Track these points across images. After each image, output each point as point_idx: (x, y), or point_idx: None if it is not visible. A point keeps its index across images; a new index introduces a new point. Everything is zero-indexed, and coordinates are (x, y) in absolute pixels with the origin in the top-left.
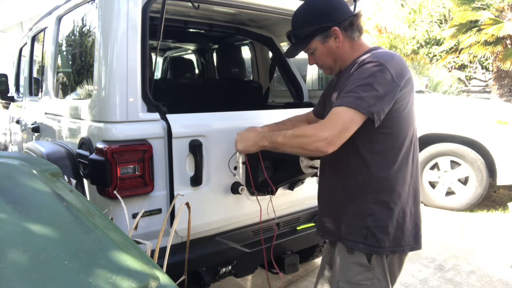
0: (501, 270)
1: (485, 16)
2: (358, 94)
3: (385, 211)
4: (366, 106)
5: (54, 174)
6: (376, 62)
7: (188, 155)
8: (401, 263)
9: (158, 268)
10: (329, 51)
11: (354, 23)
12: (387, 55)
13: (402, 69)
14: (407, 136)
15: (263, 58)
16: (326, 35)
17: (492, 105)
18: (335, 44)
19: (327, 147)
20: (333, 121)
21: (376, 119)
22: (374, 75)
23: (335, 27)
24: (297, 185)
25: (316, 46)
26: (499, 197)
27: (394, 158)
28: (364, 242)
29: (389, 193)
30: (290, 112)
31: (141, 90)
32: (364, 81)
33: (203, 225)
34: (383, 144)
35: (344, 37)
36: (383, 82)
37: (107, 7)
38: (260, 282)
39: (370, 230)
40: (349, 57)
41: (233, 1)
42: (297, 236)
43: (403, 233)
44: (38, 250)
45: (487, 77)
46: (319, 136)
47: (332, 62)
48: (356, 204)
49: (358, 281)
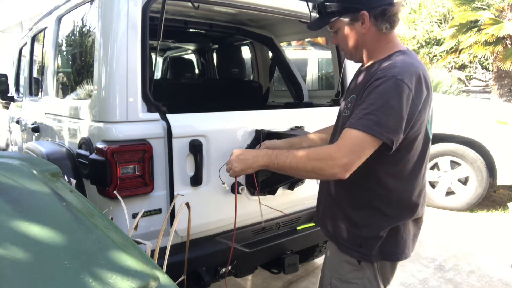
0: (501, 270)
1: (485, 16)
2: (378, 118)
3: (383, 223)
4: (386, 133)
5: (54, 174)
6: (400, 79)
7: (188, 155)
8: (393, 267)
9: (158, 268)
10: (353, 36)
11: (387, 13)
12: (409, 69)
13: (422, 86)
14: (418, 153)
15: (263, 58)
16: (353, 17)
17: (492, 105)
18: (361, 29)
19: (344, 173)
20: (354, 146)
21: (394, 146)
22: (396, 96)
23: (365, 11)
24: (297, 185)
25: (341, 26)
26: (499, 197)
27: (401, 173)
28: (357, 250)
29: (390, 206)
30: (290, 112)
31: (141, 90)
32: (386, 103)
33: (203, 225)
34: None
35: (371, 25)
36: (406, 105)
37: (107, 7)
38: (260, 282)
39: (365, 239)
40: (372, 49)
41: (233, 1)
42: (297, 236)
43: (398, 243)
44: (38, 250)
45: (487, 77)
46: (337, 163)
47: (353, 48)
48: (356, 213)
49: (349, 279)
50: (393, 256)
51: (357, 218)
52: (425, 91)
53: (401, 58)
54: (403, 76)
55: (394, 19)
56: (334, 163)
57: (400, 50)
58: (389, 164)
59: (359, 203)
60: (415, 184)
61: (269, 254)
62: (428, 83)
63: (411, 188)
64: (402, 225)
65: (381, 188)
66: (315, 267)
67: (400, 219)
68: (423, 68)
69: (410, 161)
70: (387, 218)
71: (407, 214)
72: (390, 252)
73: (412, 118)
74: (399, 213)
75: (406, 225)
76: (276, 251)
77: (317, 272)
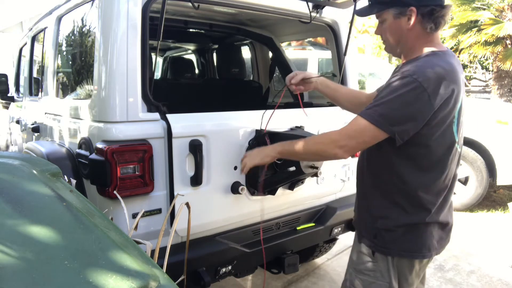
0: (501, 270)
1: (485, 16)
2: (384, 111)
3: (397, 216)
4: (389, 125)
5: (54, 174)
6: (414, 78)
7: (188, 155)
8: (412, 266)
9: (158, 268)
10: (397, 30)
11: (435, 13)
12: (430, 69)
13: (444, 88)
14: (438, 152)
15: (263, 58)
16: (401, 11)
17: (492, 105)
18: (406, 25)
19: (344, 154)
20: (354, 132)
21: (397, 139)
22: (408, 93)
23: (414, 7)
24: (297, 185)
25: (387, 18)
26: (499, 197)
27: (418, 169)
28: (372, 240)
29: (406, 200)
30: (290, 112)
31: (141, 90)
32: (395, 98)
33: (203, 225)
34: (414, 154)
35: (417, 22)
36: (415, 103)
37: (107, 7)
38: (260, 282)
39: (379, 231)
40: (411, 47)
41: (233, 1)
42: (297, 236)
43: (416, 242)
44: (38, 250)
45: (487, 77)
46: (337, 145)
47: (394, 42)
48: (375, 203)
49: (362, 269)
50: (409, 253)
51: (376, 209)
52: (447, 93)
53: (427, 59)
54: (419, 75)
55: (441, 20)
56: (334, 145)
57: (434, 51)
58: (406, 158)
59: (380, 195)
60: (432, 182)
61: (269, 254)
62: (454, 86)
63: (427, 185)
64: (424, 225)
65: (399, 181)
66: (315, 267)
67: (416, 217)
68: (453, 70)
69: (427, 157)
70: (403, 212)
71: (422, 212)
72: (407, 249)
73: (425, 116)
74: (414, 209)
75: (427, 226)
76: (276, 251)
77: (317, 272)
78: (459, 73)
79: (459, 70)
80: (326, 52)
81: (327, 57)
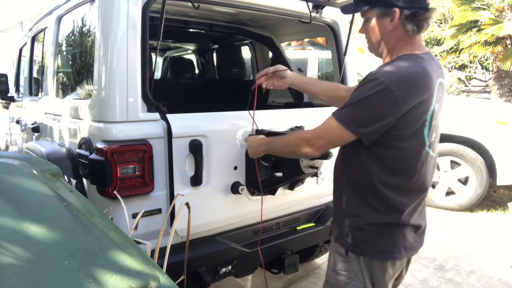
0: (501, 270)
1: (485, 16)
2: (352, 113)
3: (368, 215)
4: (356, 126)
5: (54, 174)
6: (382, 81)
7: (188, 155)
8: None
9: (158, 268)
10: (379, 29)
11: (418, 16)
12: (400, 72)
13: (413, 91)
14: (412, 152)
15: (263, 58)
16: (385, 11)
17: (492, 105)
18: (389, 25)
19: (314, 152)
20: (324, 131)
21: (364, 140)
22: (374, 95)
23: (397, 9)
24: (297, 185)
25: (371, 17)
26: (499, 197)
27: (387, 170)
28: (345, 239)
29: (377, 200)
30: (290, 112)
31: (141, 90)
32: (363, 99)
33: (203, 225)
34: (383, 156)
35: (400, 24)
36: (382, 105)
37: (107, 7)
38: (260, 282)
39: (351, 229)
40: (392, 48)
41: (233, 1)
42: (297, 236)
43: (387, 243)
44: (38, 250)
45: (487, 77)
46: (309, 144)
47: (376, 42)
48: (347, 201)
49: (338, 269)
50: (379, 254)
51: (348, 207)
52: (418, 96)
53: (399, 63)
54: (387, 78)
55: (423, 23)
56: (306, 144)
57: (409, 54)
58: (376, 159)
59: (353, 194)
60: (402, 184)
61: (269, 254)
62: (425, 90)
63: (396, 187)
64: (396, 226)
65: (369, 181)
66: (315, 267)
67: (387, 217)
68: (424, 74)
69: (396, 159)
70: (374, 212)
71: (393, 213)
72: (377, 250)
73: (393, 119)
74: (385, 210)
75: (399, 227)
76: (276, 251)
77: (317, 272)
78: (432, 77)
79: (434, 74)
80: (326, 52)
81: (327, 57)
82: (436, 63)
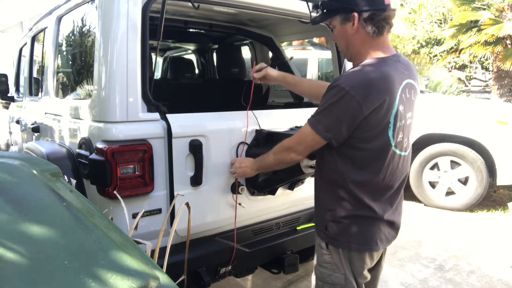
0: (501, 270)
1: (485, 16)
2: (320, 119)
3: (342, 209)
4: (324, 131)
5: (54, 174)
6: (342, 87)
7: (188, 155)
8: (362, 259)
9: (158, 268)
10: (344, 35)
11: (375, 18)
12: (359, 77)
13: (373, 94)
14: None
15: (263, 58)
16: (345, 17)
17: (492, 105)
18: (351, 30)
19: (298, 157)
20: (300, 138)
21: (334, 143)
22: (337, 102)
23: (356, 13)
24: (297, 185)
25: (336, 25)
26: (499, 197)
27: (355, 169)
28: (324, 232)
29: (351, 195)
30: (290, 112)
31: (141, 90)
32: (328, 106)
33: (203, 225)
34: (350, 155)
35: (360, 27)
36: (345, 110)
37: (107, 7)
38: (260, 282)
39: (329, 222)
40: (359, 51)
41: (233, 1)
42: (297, 236)
43: (362, 235)
44: (38, 250)
45: (487, 77)
46: (292, 150)
47: (344, 47)
48: (324, 197)
49: (321, 262)
50: (356, 245)
51: (325, 202)
52: (378, 99)
53: (359, 68)
54: (346, 84)
55: (383, 24)
56: (289, 151)
57: (373, 58)
58: (345, 158)
59: (329, 190)
60: (369, 181)
61: (269, 254)
62: (386, 92)
63: (364, 184)
64: (370, 220)
65: (340, 178)
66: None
67: (360, 211)
68: (385, 78)
69: (362, 158)
70: (348, 206)
71: (365, 208)
72: (354, 241)
73: (356, 121)
74: (357, 204)
75: (374, 221)
76: (276, 251)
77: None
78: (394, 80)
79: (398, 76)
80: (326, 52)
81: (327, 57)
82: (403, 65)
